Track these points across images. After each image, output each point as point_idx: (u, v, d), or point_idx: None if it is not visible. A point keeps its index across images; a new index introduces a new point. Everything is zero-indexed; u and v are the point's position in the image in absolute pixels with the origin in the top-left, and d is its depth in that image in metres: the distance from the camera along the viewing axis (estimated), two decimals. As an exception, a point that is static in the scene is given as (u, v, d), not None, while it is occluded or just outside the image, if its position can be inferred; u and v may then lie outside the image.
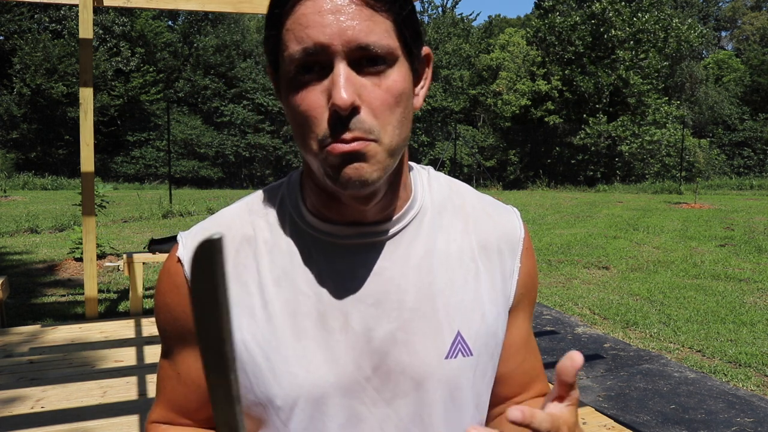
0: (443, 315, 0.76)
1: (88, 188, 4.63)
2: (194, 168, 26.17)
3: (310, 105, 0.65)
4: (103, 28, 26.39)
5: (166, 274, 0.79)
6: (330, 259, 0.75)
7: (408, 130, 0.70)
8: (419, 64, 0.73)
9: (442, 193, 0.82)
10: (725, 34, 50.41)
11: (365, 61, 0.65)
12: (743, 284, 6.87)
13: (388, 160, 0.68)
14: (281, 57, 0.68)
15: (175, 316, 0.79)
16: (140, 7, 5.30)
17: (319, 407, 0.74)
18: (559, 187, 23.77)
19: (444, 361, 0.75)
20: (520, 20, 40.87)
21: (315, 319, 0.74)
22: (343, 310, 0.74)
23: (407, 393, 0.75)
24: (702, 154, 21.00)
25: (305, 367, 0.73)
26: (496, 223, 0.83)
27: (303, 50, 0.64)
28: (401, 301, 0.75)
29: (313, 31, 0.63)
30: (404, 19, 0.68)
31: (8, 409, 3.01)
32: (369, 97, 0.65)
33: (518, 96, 27.23)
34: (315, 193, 0.75)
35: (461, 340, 0.76)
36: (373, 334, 0.74)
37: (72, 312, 5.42)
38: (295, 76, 0.66)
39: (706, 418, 3.45)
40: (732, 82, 31.65)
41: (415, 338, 0.75)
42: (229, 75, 29.53)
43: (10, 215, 11.92)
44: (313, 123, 0.66)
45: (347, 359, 0.74)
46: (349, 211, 0.74)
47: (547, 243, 9.62)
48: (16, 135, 24.54)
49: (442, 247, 0.78)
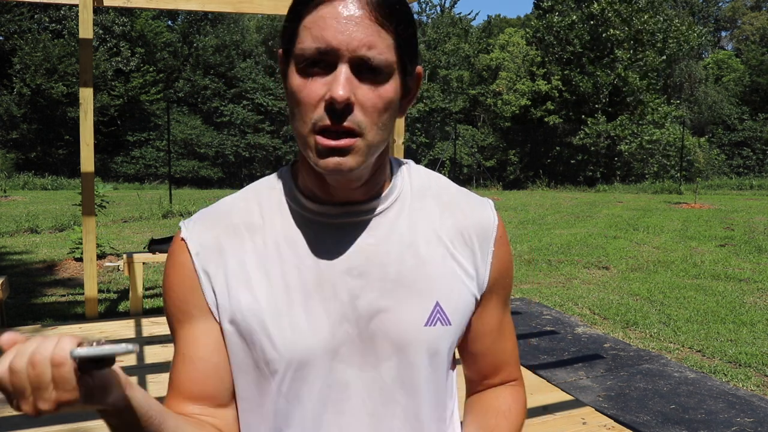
0: (423, 286, 0.85)
1: (88, 188, 4.63)
2: (194, 168, 26.16)
3: (311, 93, 0.75)
4: (103, 28, 26.38)
5: (171, 256, 0.88)
6: (320, 236, 0.85)
7: (389, 133, 0.81)
8: (411, 80, 0.84)
9: (421, 182, 0.92)
10: (725, 34, 50.43)
11: (365, 69, 0.75)
12: (743, 284, 6.87)
13: (368, 154, 0.78)
14: (295, 46, 0.77)
15: (181, 292, 0.86)
16: (140, 7, 5.30)
17: (310, 370, 0.82)
18: (559, 187, 23.77)
19: (423, 328, 0.84)
20: (519, 20, 40.85)
21: (306, 291, 0.83)
22: (332, 281, 0.83)
23: (390, 357, 0.83)
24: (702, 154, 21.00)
25: (298, 333, 0.82)
26: (471, 212, 0.91)
27: (317, 49, 0.74)
28: (384, 273, 0.84)
29: (329, 33, 0.73)
30: (405, 40, 0.78)
31: (8, 408, 3.01)
32: (363, 99, 0.75)
33: (518, 96, 27.23)
34: (309, 177, 0.85)
35: (440, 309, 0.85)
36: (358, 303, 0.83)
37: (72, 312, 5.42)
38: (304, 66, 0.76)
39: (706, 418, 3.45)
40: (732, 82, 31.65)
41: (397, 306, 0.84)
42: (228, 75, 29.52)
43: (10, 215, 11.92)
44: (309, 108, 0.76)
45: (335, 326, 0.82)
46: (338, 192, 0.84)
47: (547, 243, 9.62)
48: (16, 135, 24.53)
49: (422, 227, 0.88)
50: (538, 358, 4.44)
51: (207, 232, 0.87)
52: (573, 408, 3.07)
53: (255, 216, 0.87)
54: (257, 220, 0.87)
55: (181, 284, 0.86)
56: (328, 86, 0.74)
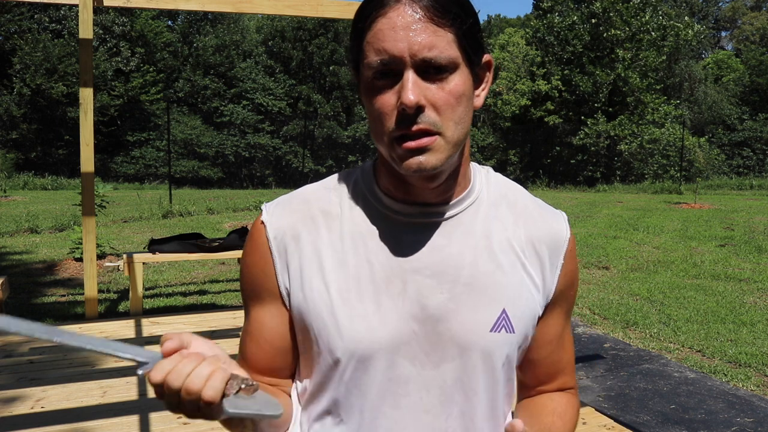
0: (492, 292, 0.86)
1: (88, 188, 4.63)
2: (194, 168, 26.16)
3: (383, 104, 0.78)
4: (103, 28, 26.37)
5: (249, 237, 0.91)
6: (396, 233, 0.87)
7: (468, 126, 0.82)
8: (480, 69, 0.85)
9: (499, 189, 0.94)
10: (725, 34, 50.43)
11: (431, 69, 0.77)
12: (743, 284, 6.87)
13: (450, 150, 0.80)
14: (362, 64, 0.80)
15: (254, 274, 0.90)
16: (140, 7, 5.30)
17: (373, 362, 0.84)
18: (559, 187, 23.77)
19: (488, 334, 0.85)
20: (519, 20, 40.85)
21: (377, 285, 0.85)
22: (403, 278, 0.85)
23: (453, 358, 0.85)
24: (702, 154, 21.00)
25: (365, 325, 0.83)
26: (544, 223, 0.92)
27: (380, 61, 0.77)
28: (456, 276, 0.85)
29: (388, 44, 0.76)
30: (465, 32, 0.79)
31: (8, 409, 3.01)
32: (433, 98, 0.77)
33: (518, 96, 27.23)
34: (387, 176, 0.87)
35: (506, 317, 0.86)
36: (427, 302, 0.84)
37: (72, 312, 5.42)
38: (373, 80, 0.79)
39: (706, 418, 3.45)
40: (731, 82, 31.65)
41: (465, 309, 0.85)
42: (228, 75, 29.53)
43: (10, 215, 11.92)
44: (385, 119, 0.78)
45: (402, 322, 0.84)
46: (414, 191, 0.85)
47: (547, 243, 9.61)
48: (16, 135, 24.52)
49: (496, 233, 0.89)
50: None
51: (286, 217, 0.89)
52: (573, 408, 3.06)
53: (334, 205, 0.89)
54: (335, 210, 0.89)
55: (255, 266, 0.89)
56: (398, 94, 0.76)
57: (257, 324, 0.90)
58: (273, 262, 0.88)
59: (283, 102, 30.29)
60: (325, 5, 4.98)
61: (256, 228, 0.90)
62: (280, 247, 0.87)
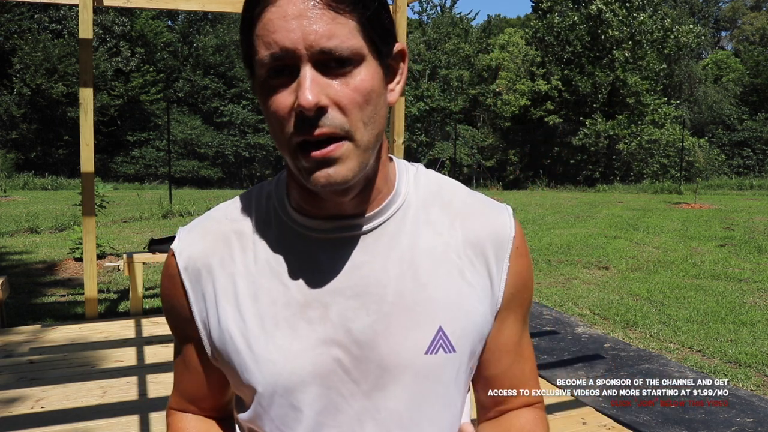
0: (424, 309, 0.76)
1: (88, 188, 4.62)
2: (194, 168, 26.16)
3: (279, 106, 0.68)
4: (103, 28, 26.37)
5: (164, 268, 0.85)
6: (311, 253, 0.77)
7: (381, 126, 0.72)
8: (392, 60, 0.74)
9: (430, 189, 0.83)
10: (725, 34, 50.42)
11: (332, 62, 0.66)
12: (743, 284, 6.87)
13: (362, 156, 0.70)
14: (254, 61, 0.69)
15: (172, 305, 0.83)
16: (140, 7, 5.30)
17: (296, 395, 0.75)
18: (558, 187, 23.76)
19: (424, 357, 0.75)
20: (519, 20, 40.84)
21: (295, 310, 0.76)
22: (323, 301, 0.76)
23: (386, 386, 0.75)
24: (702, 154, 21.00)
25: (284, 356, 0.75)
26: (486, 220, 0.82)
27: (271, 55, 0.66)
28: (381, 295, 0.76)
29: (279, 36, 0.65)
30: (369, 19, 0.68)
31: (8, 409, 3.01)
32: (336, 96, 0.66)
33: (518, 96, 27.23)
34: (296, 189, 0.77)
35: (443, 335, 0.76)
36: (351, 326, 0.75)
37: (72, 312, 5.42)
38: (266, 80, 0.69)
39: (706, 418, 3.45)
40: (731, 82, 31.64)
41: (395, 332, 0.75)
42: (228, 75, 29.52)
43: (10, 215, 11.92)
44: (283, 123, 0.68)
45: (324, 349, 0.75)
46: (327, 205, 0.76)
47: (547, 243, 9.62)
48: (16, 135, 24.52)
49: (427, 241, 0.78)
50: (539, 358, 4.44)
51: (197, 243, 0.81)
52: (573, 408, 3.07)
53: (246, 225, 0.80)
54: (248, 230, 0.80)
55: (173, 297, 0.83)
56: (295, 94, 0.66)
57: (187, 354, 0.84)
58: (186, 295, 0.80)
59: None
60: (325, 5, 4.97)
61: (169, 258, 0.83)
62: (192, 278, 0.80)
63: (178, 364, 0.87)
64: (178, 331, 0.85)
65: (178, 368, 0.87)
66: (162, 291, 0.85)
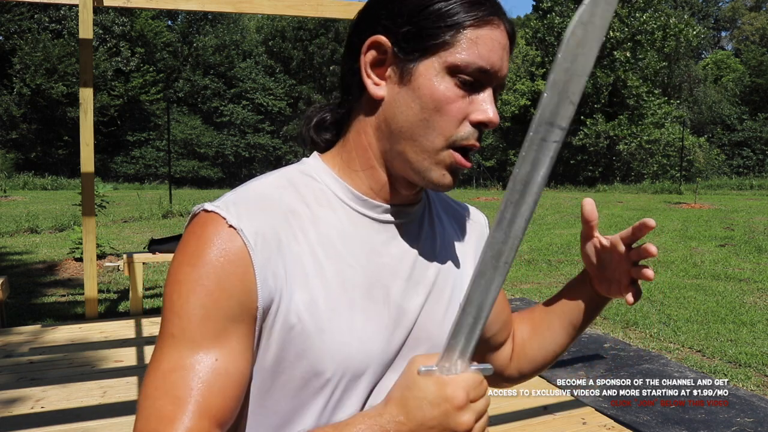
0: (454, 288, 0.86)
1: (88, 188, 4.62)
2: (194, 168, 26.18)
3: (454, 106, 0.74)
4: (103, 28, 26.38)
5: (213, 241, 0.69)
6: (370, 235, 0.80)
7: None
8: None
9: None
10: (725, 34, 50.42)
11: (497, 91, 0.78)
12: (743, 284, 6.87)
13: None
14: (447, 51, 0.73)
15: (225, 286, 0.69)
16: (140, 7, 5.30)
17: (365, 377, 0.76)
18: (559, 187, 23.77)
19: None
20: (519, 20, 40.85)
21: (363, 292, 0.77)
22: (384, 283, 0.79)
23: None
24: (702, 154, 21.01)
25: (358, 338, 0.74)
26: (467, 213, 0.97)
27: (479, 67, 0.73)
28: (425, 276, 0.83)
29: (494, 57, 0.74)
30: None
31: (8, 409, 3.01)
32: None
33: (518, 96, 27.24)
34: (369, 174, 0.81)
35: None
36: (407, 306, 0.80)
37: (72, 312, 5.42)
38: (453, 73, 0.74)
39: (706, 418, 3.45)
40: (731, 82, 31.65)
41: (437, 309, 0.83)
42: (228, 75, 29.53)
43: (10, 215, 11.92)
44: (453, 123, 0.74)
45: (391, 330, 0.78)
46: (400, 194, 0.82)
47: (547, 243, 9.62)
48: (16, 135, 24.53)
49: (447, 231, 0.91)
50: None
51: (260, 216, 0.72)
52: (573, 408, 3.07)
53: (298, 204, 0.76)
54: (302, 209, 0.76)
55: (230, 276, 0.69)
56: (473, 106, 0.75)
57: (232, 357, 0.69)
58: (254, 271, 0.69)
59: (283, 102, 30.29)
60: (325, 5, 4.98)
61: (218, 228, 0.69)
62: (263, 254, 0.70)
63: (200, 381, 0.67)
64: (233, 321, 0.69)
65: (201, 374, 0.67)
66: (208, 269, 0.68)
